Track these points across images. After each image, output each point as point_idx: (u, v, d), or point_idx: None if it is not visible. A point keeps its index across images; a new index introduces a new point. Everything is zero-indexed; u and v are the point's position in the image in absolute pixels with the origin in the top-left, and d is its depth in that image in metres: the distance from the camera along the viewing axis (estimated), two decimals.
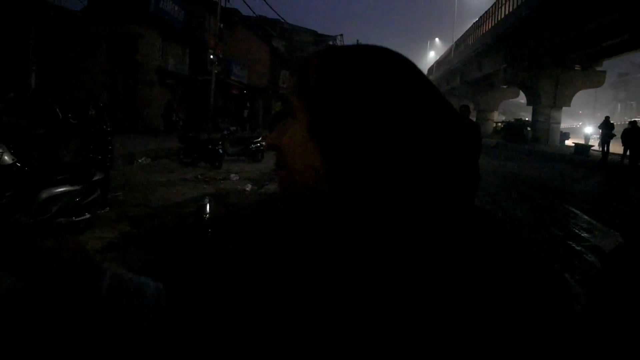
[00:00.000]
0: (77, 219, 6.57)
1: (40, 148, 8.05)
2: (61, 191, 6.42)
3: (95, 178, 7.07)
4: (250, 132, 24.27)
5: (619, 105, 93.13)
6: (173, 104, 25.87)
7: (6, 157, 6.22)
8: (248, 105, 35.20)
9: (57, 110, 8.61)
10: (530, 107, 40.92)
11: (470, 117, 10.10)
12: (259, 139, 17.79)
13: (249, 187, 11.60)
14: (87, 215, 6.74)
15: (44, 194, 6.24)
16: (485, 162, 9.87)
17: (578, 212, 10.44)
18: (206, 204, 9.69)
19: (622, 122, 52.94)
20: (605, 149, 24.82)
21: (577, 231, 8.52)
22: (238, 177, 13.00)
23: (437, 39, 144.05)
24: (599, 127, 26.61)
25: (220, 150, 14.99)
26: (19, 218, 6.06)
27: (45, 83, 14.53)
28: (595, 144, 30.82)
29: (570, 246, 7.44)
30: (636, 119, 21.96)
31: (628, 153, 21.14)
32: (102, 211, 7.71)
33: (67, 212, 6.47)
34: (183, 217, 8.34)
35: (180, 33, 26.35)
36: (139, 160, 15.08)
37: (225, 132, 17.68)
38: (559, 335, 0.58)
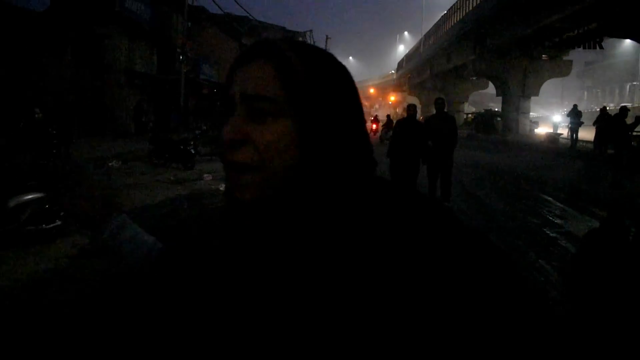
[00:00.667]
0: (47, 227, 6.40)
1: (7, 155, 7.85)
2: (30, 198, 6.26)
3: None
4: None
5: (586, 93, 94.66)
6: (143, 105, 25.49)
7: None
8: (218, 104, 34.78)
9: None
10: (500, 98, 41.40)
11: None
12: None
13: (222, 187, 11.39)
14: (58, 222, 6.58)
15: (13, 202, 6.07)
16: (457, 153, 9.90)
17: (551, 199, 10.57)
18: (180, 206, 9.56)
19: (590, 110, 53.91)
20: (574, 136, 25.22)
21: (551, 218, 8.62)
22: (211, 177, 12.86)
23: (406, 33, 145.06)
24: (567, 115, 27.04)
25: (192, 151, 14.82)
26: None
27: (9, 87, 14.19)
28: (564, 132, 31.29)
29: (545, 233, 7.52)
30: (605, 105, 22.26)
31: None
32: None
33: (37, 219, 6.31)
34: (157, 219, 8.20)
35: (147, 33, 25.93)
36: (110, 164, 14.82)
37: (197, 132, 17.51)
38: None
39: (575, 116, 25.39)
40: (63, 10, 18.77)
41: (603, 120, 20.27)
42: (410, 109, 9.44)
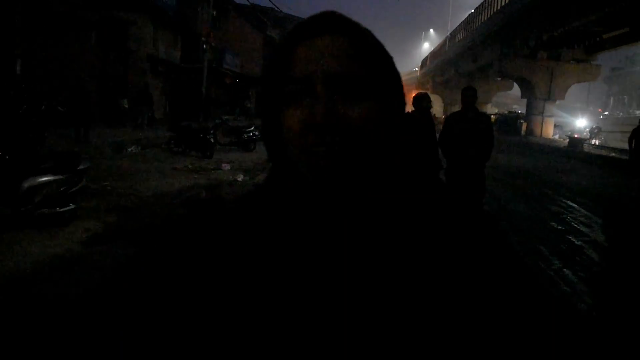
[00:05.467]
0: (61, 210, 6.32)
1: (23, 137, 7.77)
2: (44, 181, 6.18)
3: (81, 167, 6.82)
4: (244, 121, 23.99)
5: (612, 99, 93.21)
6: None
7: None
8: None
9: None
10: (524, 100, 40.84)
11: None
12: (252, 128, 17.56)
13: (240, 178, 11.36)
14: (72, 206, 6.50)
15: (27, 184, 5.99)
16: None
17: (575, 205, 10.28)
18: (196, 195, 9.44)
19: (616, 115, 53.11)
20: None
21: (576, 225, 8.35)
22: (229, 167, 12.75)
23: (431, 30, 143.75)
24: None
25: (212, 140, 14.73)
26: (0, 209, 5.81)
27: (32, 71, 14.20)
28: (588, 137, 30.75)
29: (570, 240, 7.26)
30: None
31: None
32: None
33: (50, 202, 6.23)
34: (172, 207, 8.08)
35: (172, 20, 25.94)
36: (129, 149, 14.80)
37: (217, 121, 17.44)
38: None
39: None
40: None
41: None
42: (467, 94, 6.50)
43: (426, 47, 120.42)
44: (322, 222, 0.72)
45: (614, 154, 23.05)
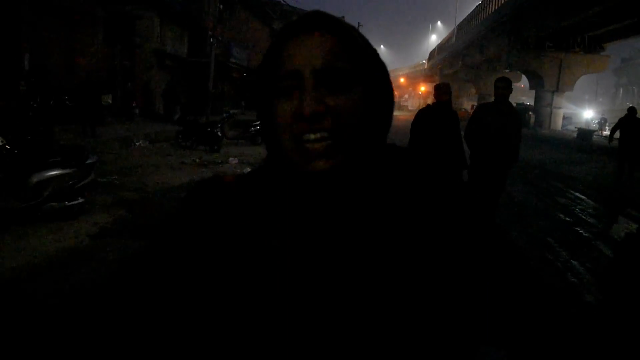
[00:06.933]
0: (70, 204, 6.36)
1: (33, 130, 7.81)
2: (53, 174, 6.21)
3: (89, 161, 6.86)
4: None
5: (621, 90, 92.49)
6: (174, 90, 25.46)
7: None
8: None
9: None
10: (532, 92, 40.63)
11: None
12: (259, 121, 17.57)
13: (247, 171, 11.38)
14: (81, 200, 6.54)
15: (35, 178, 6.03)
16: None
17: (584, 197, 10.24)
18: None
19: (626, 107, 52.79)
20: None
21: (584, 217, 8.32)
22: (237, 161, 12.78)
23: (439, 22, 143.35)
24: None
25: (219, 134, 14.76)
26: (9, 203, 5.86)
27: (41, 65, 14.26)
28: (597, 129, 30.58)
29: (578, 232, 7.24)
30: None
31: None
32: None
33: (59, 196, 6.26)
34: (181, 201, 8.10)
35: (179, 14, 25.91)
36: (137, 144, 14.85)
37: (225, 115, 17.47)
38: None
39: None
40: None
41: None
42: (501, 86, 5.83)
43: (434, 40, 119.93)
44: (309, 201, 0.78)
45: None
